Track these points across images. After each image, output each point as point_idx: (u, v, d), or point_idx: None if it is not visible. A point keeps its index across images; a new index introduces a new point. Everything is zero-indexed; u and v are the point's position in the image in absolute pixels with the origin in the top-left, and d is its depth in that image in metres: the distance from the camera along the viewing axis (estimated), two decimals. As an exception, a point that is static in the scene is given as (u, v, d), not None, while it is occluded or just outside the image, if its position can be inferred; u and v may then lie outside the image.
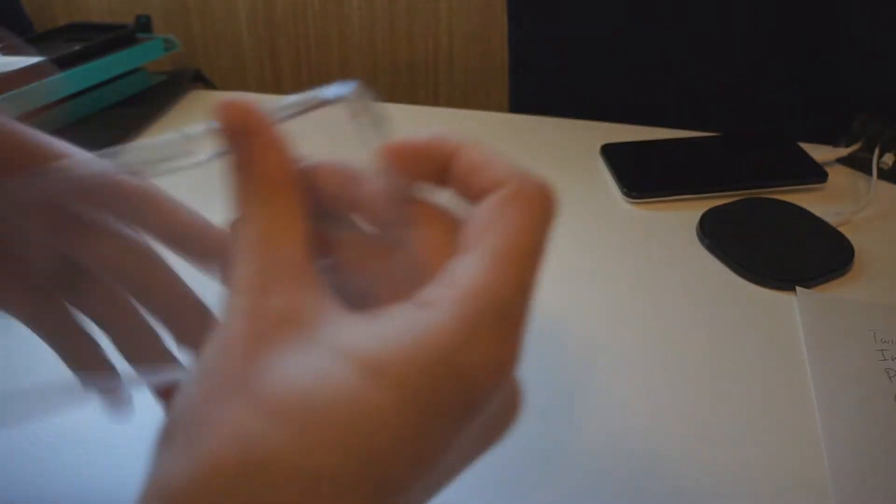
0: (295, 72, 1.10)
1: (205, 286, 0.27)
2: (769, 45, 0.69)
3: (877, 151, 0.58)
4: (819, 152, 0.60)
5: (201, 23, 1.04)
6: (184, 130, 0.23)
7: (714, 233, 0.51)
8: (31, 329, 0.28)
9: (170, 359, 0.29)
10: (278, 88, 1.12)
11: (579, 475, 0.35)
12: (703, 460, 0.35)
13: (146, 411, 0.27)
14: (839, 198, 0.56)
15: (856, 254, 0.49)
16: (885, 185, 0.57)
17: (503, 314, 0.18)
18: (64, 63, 0.62)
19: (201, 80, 0.74)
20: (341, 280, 0.22)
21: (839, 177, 0.58)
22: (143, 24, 0.74)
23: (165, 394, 0.28)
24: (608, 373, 0.41)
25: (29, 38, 0.69)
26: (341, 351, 0.18)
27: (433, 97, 1.15)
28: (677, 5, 0.69)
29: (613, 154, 0.60)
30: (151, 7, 1.03)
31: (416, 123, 0.64)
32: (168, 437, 0.19)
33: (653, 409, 0.38)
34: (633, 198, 0.55)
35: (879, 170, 0.57)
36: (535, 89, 0.79)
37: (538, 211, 0.20)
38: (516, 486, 0.34)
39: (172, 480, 0.17)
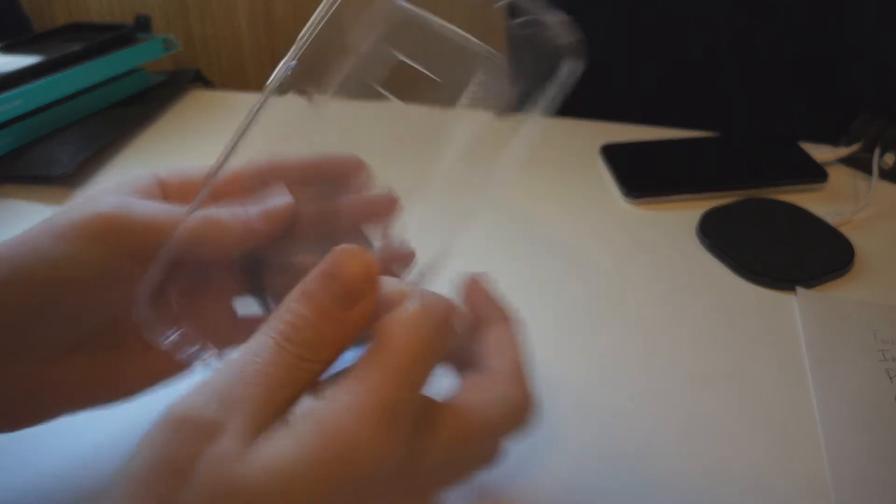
0: (295, 72, 1.10)
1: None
2: (770, 45, 0.69)
3: (877, 151, 0.58)
4: (819, 152, 0.60)
5: (201, 23, 1.04)
6: None
7: (714, 233, 0.51)
8: None
9: None
10: (278, 88, 1.11)
11: (576, 475, 0.34)
12: (703, 461, 0.35)
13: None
14: (839, 198, 0.56)
15: (856, 254, 0.49)
16: (885, 185, 0.57)
17: (393, 411, 0.21)
18: (64, 63, 0.62)
19: (201, 80, 0.74)
20: None
21: (839, 177, 0.58)
22: (143, 24, 0.73)
23: None
24: (607, 373, 0.40)
25: (28, 37, 0.69)
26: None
27: (433, 97, 1.14)
28: (678, 5, 0.69)
29: (613, 154, 0.60)
30: (151, 7, 1.03)
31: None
32: None
33: (652, 409, 0.38)
34: (633, 198, 0.55)
35: (880, 170, 0.57)
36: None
37: (427, 321, 0.23)
38: (516, 487, 0.34)
39: None
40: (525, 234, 0.52)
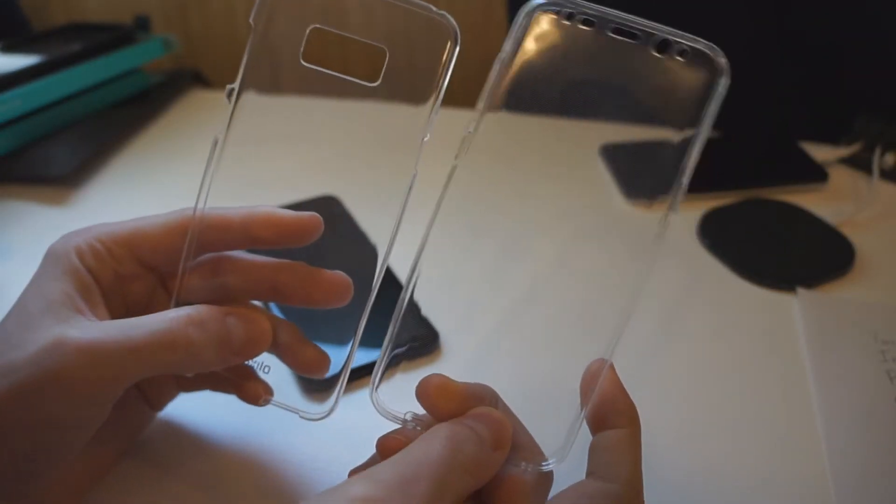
0: (294, 71, 1.10)
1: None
2: (770, 45, 0.69)
3: (878, 151, 0.58)
4: (819, 152, 0.59)
5: (200, 23, 1.04)
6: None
7: (714, 233, 0.51)
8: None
9: None
10: (278, 88, 1.11)
11: (575, 475, 0.34)
12: (704, 461, 0.35)
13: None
14: (840, 198, 0.56)
15: (856, 254, 0.49)
16: (886, 185, 0.57)
17: None
18: (63, 63, 0.62)
19: (200, 80, 0.74)
20: None
21: (840, 177, 0.58)
22: (142, 24, 0.73)
23: None
24: (608, 374, 0.40)
25: (27, 37, 0.69)
26: None
27: (433, 97, 1.14)
28: (677, 4, 0.69)
29: (613, 154, 0.60)
30: (150, 7, 1.02)
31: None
32: None
33: (653, 409, 0.38)
34: (633, 198, 0.55)
35: (880, 169, 0.57)
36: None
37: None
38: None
39: None
40: (523, 234, 0.52)
